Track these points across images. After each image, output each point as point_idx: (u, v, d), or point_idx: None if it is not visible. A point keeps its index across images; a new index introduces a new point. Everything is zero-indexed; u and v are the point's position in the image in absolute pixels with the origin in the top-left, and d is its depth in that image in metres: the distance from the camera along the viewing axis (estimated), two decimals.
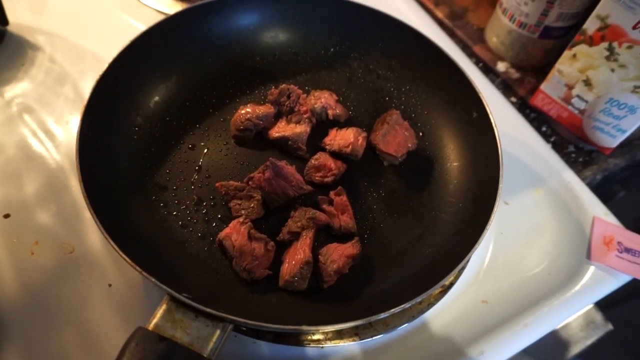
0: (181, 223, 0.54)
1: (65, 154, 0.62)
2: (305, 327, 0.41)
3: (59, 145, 0.63)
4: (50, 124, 0.65)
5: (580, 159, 0.71)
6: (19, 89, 0.68)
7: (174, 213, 0.54)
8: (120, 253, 0.43)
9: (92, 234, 0.56)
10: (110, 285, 0.53)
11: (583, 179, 0.68)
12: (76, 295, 0.52)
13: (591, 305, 0.61)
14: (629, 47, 0.58)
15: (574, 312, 0.57)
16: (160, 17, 0.62)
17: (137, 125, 0.59)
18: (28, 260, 0.54)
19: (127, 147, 0.57)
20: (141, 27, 0.75)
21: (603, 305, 0.62)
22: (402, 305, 0.43)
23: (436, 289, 0.47)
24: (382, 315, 0.42)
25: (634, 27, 0.56)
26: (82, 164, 0.49)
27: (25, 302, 0.51)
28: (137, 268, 0.42)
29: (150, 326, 0.40)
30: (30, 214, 0.57)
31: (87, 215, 0.56)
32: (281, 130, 0.60)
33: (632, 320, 0.74)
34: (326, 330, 0.48)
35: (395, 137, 0.60)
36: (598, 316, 0.64)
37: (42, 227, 0.56)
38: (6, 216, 0.56)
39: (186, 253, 0.51)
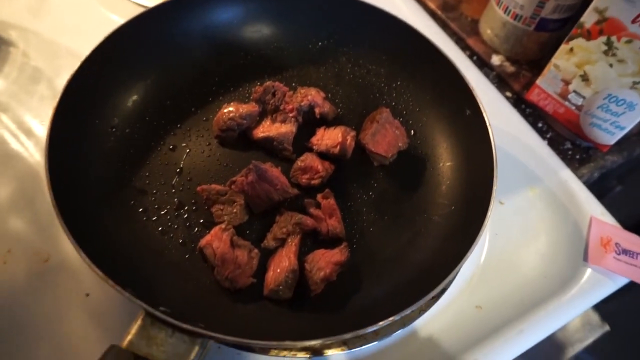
0: (161, 229, 0.51)
1: (42, 156, 0.59)
2: (288, 343, 0.39)
3: (35, 145, 0.60)
4: (26, 124, 0.62)
5: (577, 156, 0.69)
6: None
7: (154, 219, 0.52)
8: (91, 265, 0.40)
9: (69, 242, 0.53)
10: (87, 294, 0.50)
11: (580, 177, 0.66)
12: (52, 306, 0.50)
13: None
14: (628, 42, 0.56)
15: (570, 317, 0.55)
16: (140, 11, 0.59)
17: (113, 126, 0.56)
18: (0, 269, 0.51)
19: (103, 150, 0.54)
20: (121, 21, 0.72)
21: (598, 304, 0.61)
22: (391, 318, 0.41)
23: (427, 299, 0.44)
24: (370, 329, 0.40)
25: (634, 21, 0.54)
26: (52, 167, 0.46)
27: None
28: (110, 281, 0.40)
29: (124, 344, 0.38)
30: (3, 220, 0.54)
31: None
32: (266, 130, 0.57)
33: (629, 319, 0.73)
34: (311, 345, 0.46)
35: (385, 137, 0.57)
36: (595, 317, 0.62)
37: (15, 234, 0.53)
38: None
39: (165, 261, 0.49)
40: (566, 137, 0.70)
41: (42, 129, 0.62)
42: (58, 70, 0.66)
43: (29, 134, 0.62)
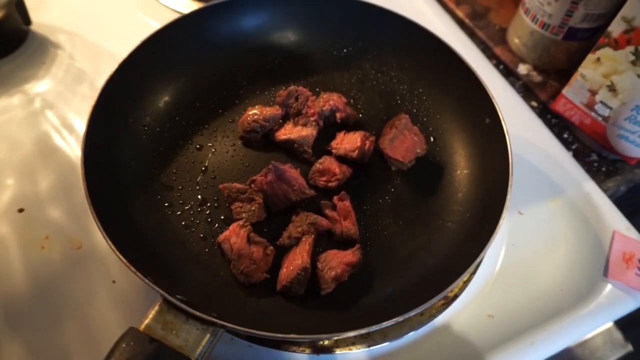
0: (184, 223, 0.54)
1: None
2: (293, 336, 0.41)
3: (76, 141, 0.65)
4: (68, 121, 0.67)
5: (604, 169, 0.68)
6: (40, 86, 0.70)
7: (178, 213, 0.55)
8: (116, 252, 0.43)
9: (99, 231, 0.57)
10: (114, 281, 0.54)
11: (605, 190, 0.65)
12: (81, 290, 0.53)
13: (611, 324, 0.57)
14: None
15: (586, 332, 0.54)
16: (176, 17, 0.62)
17: (146, 124, 0.59)
18: (38, 254, 0.55)
19: (135, 146, 0.57)
20: (158, 26, 0.76)
21: (623, 324, 0.59)
22: (395, 319, 0.42)
23: (436, 302, 0.45)
24: (374, 328, 0.41)
25: None
26: (87, 160, 0.49)
27: (33, 295, 0.53)
28: (132, 268, 0.43)
29: (142, 327, 0.41)
30: (43, 209, 0.59)
31: None
32: (287, 132, 0.59)
33: None
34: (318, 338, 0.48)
35: (404, 142, 0.58)
36: (618, 336, 0.60)
37: (53, 223, 0.58)
38: (20, 210, 0.58)
39: (186, 254, 0.52)
40: (592, 148, 0.69)
41: (82, 126, 0.66)
42: (99, 72, 0.71)
43: (71, 130, 0.66)
